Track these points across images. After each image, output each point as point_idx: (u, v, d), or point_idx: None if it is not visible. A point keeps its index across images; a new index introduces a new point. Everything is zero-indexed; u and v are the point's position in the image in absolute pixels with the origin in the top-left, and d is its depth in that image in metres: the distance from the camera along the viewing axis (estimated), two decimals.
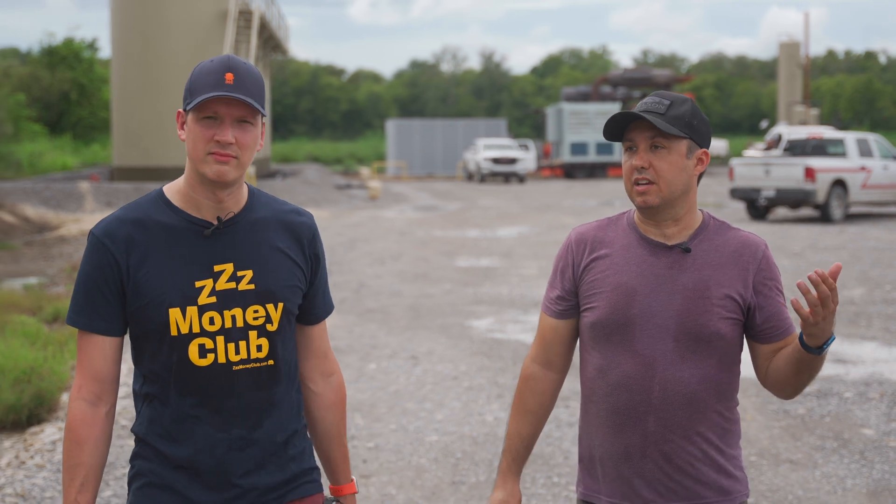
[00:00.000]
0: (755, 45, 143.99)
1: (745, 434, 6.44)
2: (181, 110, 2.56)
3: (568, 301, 2.81)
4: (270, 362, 2.61)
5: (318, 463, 2.74)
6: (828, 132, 25.39)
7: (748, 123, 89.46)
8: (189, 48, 32.27)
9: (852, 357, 8.73)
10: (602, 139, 39.21)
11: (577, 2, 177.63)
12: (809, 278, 2.43)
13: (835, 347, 9.02)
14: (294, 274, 2.65)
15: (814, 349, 2.54)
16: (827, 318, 2.47)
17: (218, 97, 2.48)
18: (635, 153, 2.71)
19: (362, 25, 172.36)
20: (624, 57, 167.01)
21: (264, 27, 36.99)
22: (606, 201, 29.82)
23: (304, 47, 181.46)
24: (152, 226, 2.57)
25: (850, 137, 22.78)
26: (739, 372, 2.73)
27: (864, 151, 22.48)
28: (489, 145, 45.10)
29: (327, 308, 2.77)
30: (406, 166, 52.04)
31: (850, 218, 22.85)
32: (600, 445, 2.76)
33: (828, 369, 8.16)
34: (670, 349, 2.68)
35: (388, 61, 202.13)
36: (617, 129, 2.74)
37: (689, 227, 2.73)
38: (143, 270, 2.55)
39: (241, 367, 2.57)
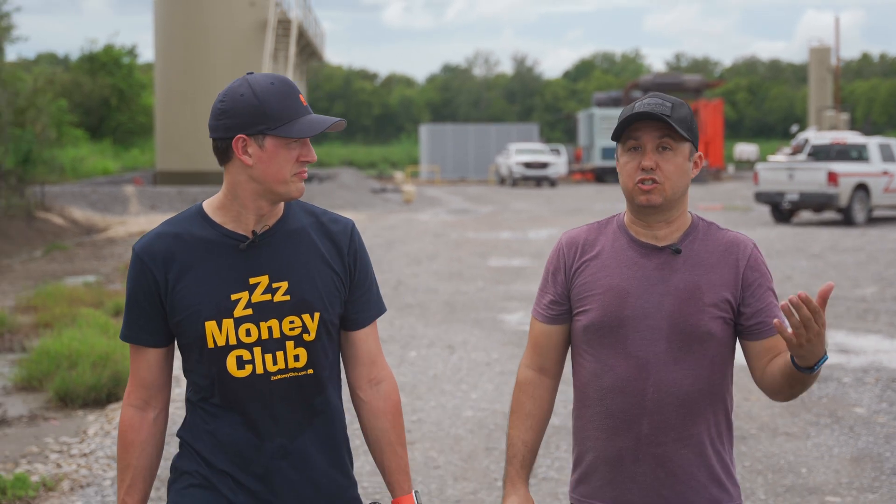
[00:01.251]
0: (789, 48, 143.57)
1: (748, 411, 7.18)
2: (244, 136, 2.55)
3: (561, 305, 2.82)
4: (310, 371, 2.64)
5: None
6: (851, 137, 25.97)
7: (782, 127, 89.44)
8: (229, 56, 33.28)
9: (855, 348, 9.44)
10: None
11: (612, 5, 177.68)
12: (790, 301, 2.39)
13: (840, 339, 9.74)
14: (331, 282, 2.67)
15: (804, 369, 2.53)
16: (812, 341, 2.44)
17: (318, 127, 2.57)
18: (640, 153, 2.71)
19: (396, 29, 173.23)
20: (657, 60, 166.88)
21: (302, 35, 37.93)
22: None
23: (338, 52, 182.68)
24: (190, 240, 2.63)
25: (873, 142, 23.40)
26: (732, 375, 2.75)
27: (887, 156, 23.09)
28: (521, 150, 45.85)
29: (373, 312, 2.76)
30: (439, 170, 52.84)
31: (873, 221, 23.46)
32: (593, 449, 2.76)
33: (830, 359, 8.88)
34: (663, 350, 2.69)
35: (420, 65, 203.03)
36: (621, 129, 2.73)
37: (679, 229, 2.76)
38: (180, 285, 2.61)
39: (279, 377, 2.62)
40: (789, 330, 2.43)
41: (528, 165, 44.26)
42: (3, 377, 8.85)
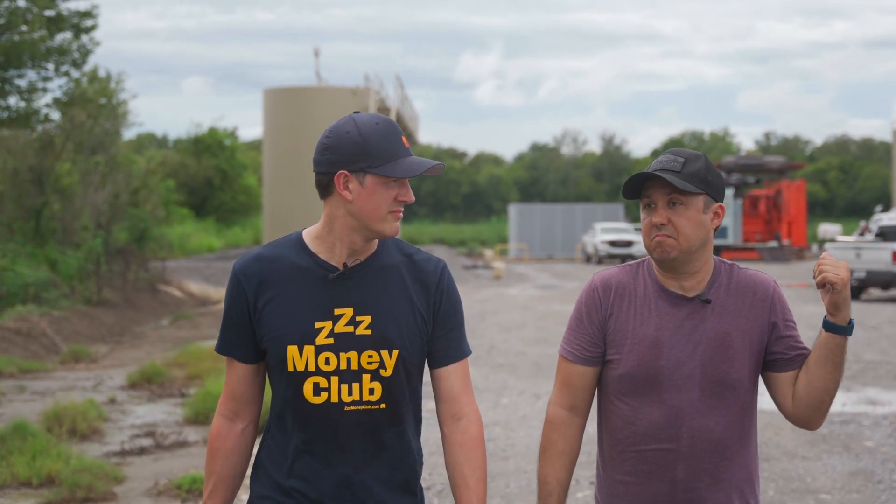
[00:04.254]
0: (884, 126, 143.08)
1: (777, 443, 8.91)
2: (346, 172, 2.63)
3: (598, 347, 2.87)
4: (383, 406, 2.69)
5: None
6: None
7: (875, 207, 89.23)
8: None
9: (882, 401, 11.08)
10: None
11: (703, 83, 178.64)
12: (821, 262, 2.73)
13: (871, 394, 11.37)
14: (415, 323, 2.72)
15: (843, 327, 2.70)
16: (847, 286, 2.68)
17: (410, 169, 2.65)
18: (654, 210, 2.79)
19: (486, 108, 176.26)
20: (746, 139, 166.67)
21: (399, 120, 40.43)
22: None
23: (428, 130, 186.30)
24: (285, 265, 2.71)
25: None
26: (757, 416, 2.87)
27: None
28: (606, 228, 47.58)
29: (459, 353, 2.79)
30: (527, 248, 54.72)
31: None
32: (626, 494, 2.83)
33: (857, 407, 10.55)
34: (696, 398, 2.76)
35: (509, 144, 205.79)
36: (635, 187, 2.81)
37: (705, 279, 2.82)
38: (269, 307, 2.69)
39: (352, 407, 2.67)
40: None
41: (612, 244, 45.92)
42: (175, 414, 10.92)
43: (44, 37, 26.56)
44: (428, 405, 5.89)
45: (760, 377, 2.88)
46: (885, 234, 25.89)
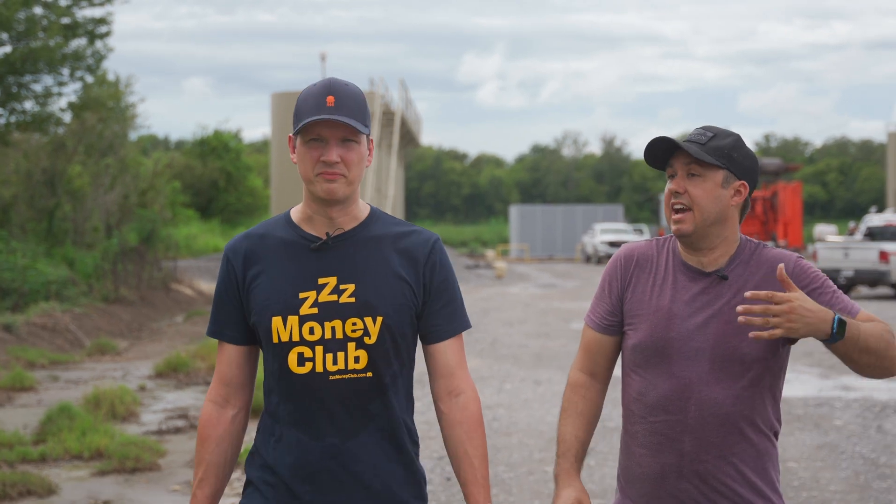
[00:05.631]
0: (884, 128, 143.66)
1: None
2: (291, 135, 2.69)
3: (615, 316, 2.91)
4: (369, 374, 2.67)
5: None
6: None
7: (871, 208, 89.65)
8: None
9: (856, 386, 11.95)
10: None
11: (706, 85, 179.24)
12: (739, 311, 2.63)
13: (847, 381, 12.28)
14: (400, 292, 2.70)
15: (831, 337, 2.62)
16: (791, 319, 2.56)
17: (320, 121, 2.61)
18: (675, 179, 2.82)
19: (488, 110, 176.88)
20: (746, 140, 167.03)
21: (403, 124, 41.32)
22: None
23: (430, 132, 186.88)
24: (272, 241, 2.72)
25: None
26: (779, 396, 2.83)
27: None
28: (605, 229, 48.43)
29: (454, 327, 2.78)
30: (528, 249, 55.52)
31: None
32: (638, 465, 2.85)
33: (832, 392, 11.46)
34: (706, 371, 2.76)
35: (510, 146, 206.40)
36: (662, 157, 2.83)
37: (725, 254, 2.82)
38: (257, 281, 2.70)
39: (337, 377, 2.65)
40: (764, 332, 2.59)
41: (612, 244, 46.71)
42: (202, 399, 11.82)
43: (60, 44, 27.45)
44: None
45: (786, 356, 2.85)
46: (874, 234, 26.80)
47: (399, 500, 2.71)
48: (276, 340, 2.66)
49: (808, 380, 12.38)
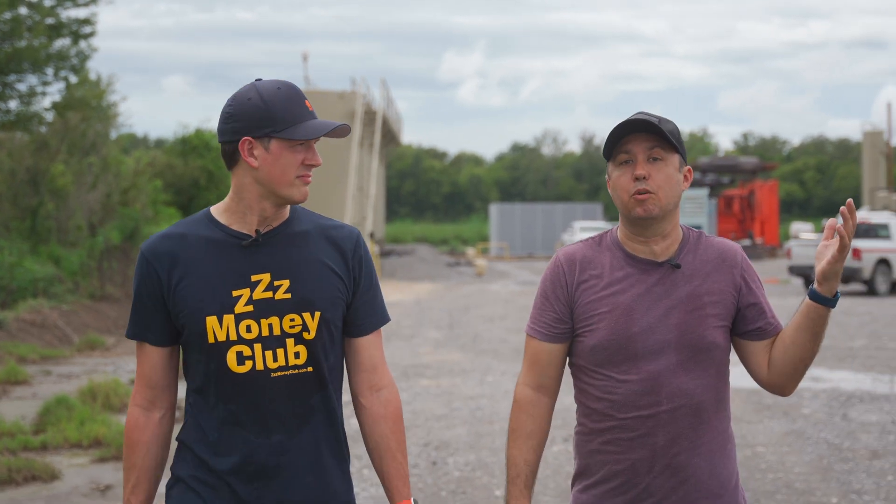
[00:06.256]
0: (861, 127, 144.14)
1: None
2: (250, 138, 2.61)
3: (564, 324, 2.83)
4: (309, 369, 2.67)
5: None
6: (875, 217, 28.83)
7: None
8: (323, 141, 36.97)
9: (825, 378, 12.46)
10: (690, 221, 42.32)
11: (685, 83, 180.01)
12: (844, 210, 2.61)
13: (817, 372, 12.74)
14: (334, 285, 2.70)
15: (828, 298, 2.66)
16: (846, 250, 2.60)
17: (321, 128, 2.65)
18: (632, 165, 2.73)
19: (468, 108, 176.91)
20: (724, 139, 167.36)
21: (384, 123, 41.68)
22: None
23: (410, 130, 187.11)
24: (195, 240, 2.67)
25: (894, 222, 26.31)
26: (729, 384, 2.86)
27: None
28: (584, 227, 48.89)
29: (377, 321, 2.79)
30: (508, 247, 55.96)
31: None
32: (604, 463, 2.81)
33: (802, 383, 11.89)
34: (674, 362, 2.74)
35: (490, 144, 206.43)
36: (613, 145, 2.75)
37: (675, 242, 2.80)
38: (183, 283, 2.65)
39: (279, 373, 2.65)
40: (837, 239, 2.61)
41: None
42: None
43: (44, 44, 27.72)
44: None
45: (732, 346, 2.88)
46: None
47: (333, 490, 2.75)
48: (211, 340, 2.64)
49: None
